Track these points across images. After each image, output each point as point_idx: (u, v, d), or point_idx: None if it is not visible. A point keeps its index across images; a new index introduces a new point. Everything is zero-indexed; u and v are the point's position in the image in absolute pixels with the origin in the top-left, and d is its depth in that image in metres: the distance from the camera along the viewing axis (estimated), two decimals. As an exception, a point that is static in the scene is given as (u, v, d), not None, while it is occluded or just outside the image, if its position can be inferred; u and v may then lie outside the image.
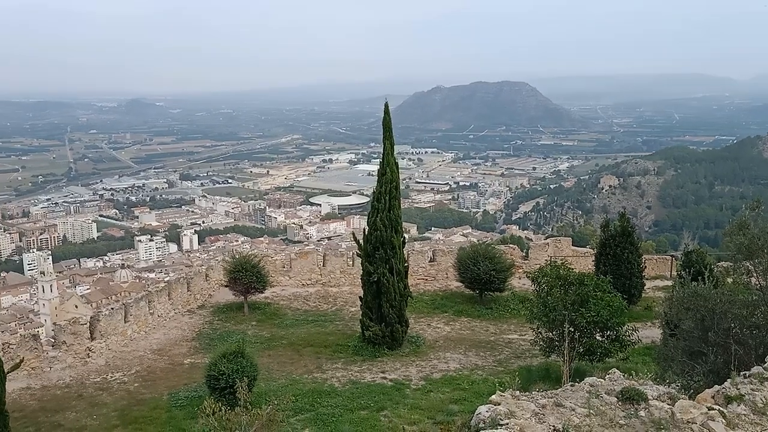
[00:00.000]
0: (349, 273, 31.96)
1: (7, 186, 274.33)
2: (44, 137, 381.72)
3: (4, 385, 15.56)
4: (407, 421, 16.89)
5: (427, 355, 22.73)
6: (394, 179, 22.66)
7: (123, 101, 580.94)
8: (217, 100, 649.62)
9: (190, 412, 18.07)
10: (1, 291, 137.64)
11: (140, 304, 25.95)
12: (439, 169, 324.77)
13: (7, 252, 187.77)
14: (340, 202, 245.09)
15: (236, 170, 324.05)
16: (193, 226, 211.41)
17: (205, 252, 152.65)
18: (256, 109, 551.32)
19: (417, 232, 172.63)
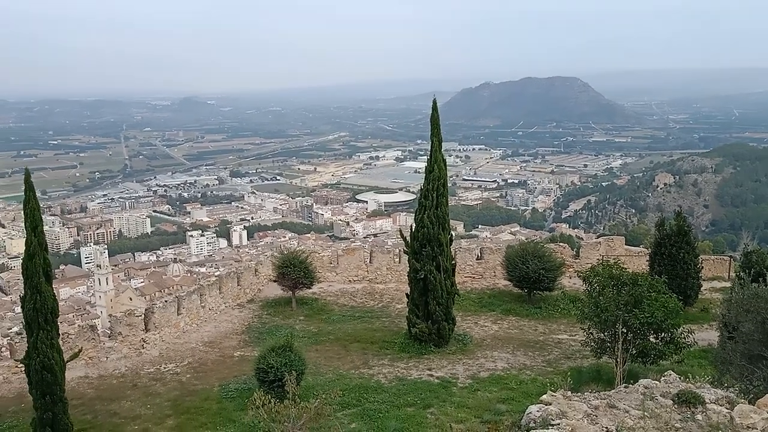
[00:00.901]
0: (396, 270, 31.95)
1: (66, 182, 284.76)
2: (101, 135, 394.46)
3: (64, 373, 16.15)
4: (454, 419, 16.79)
5: (474, 353, 22.54)
6: (441, 176, 22.52)
7: (176, 99, 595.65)
8: (267, 98, 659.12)
9: (240, 403, 18.41)
10: (59, 283, 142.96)
11: (192, 297, 26.54)
12: (487, 166, 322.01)
13: (66, 246, 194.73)
14: (386, 199, 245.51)
15: (284, 167, 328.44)
16: (242, 222, 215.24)
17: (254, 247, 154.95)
18: (303, 107, 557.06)
19: (464, 230, 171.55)
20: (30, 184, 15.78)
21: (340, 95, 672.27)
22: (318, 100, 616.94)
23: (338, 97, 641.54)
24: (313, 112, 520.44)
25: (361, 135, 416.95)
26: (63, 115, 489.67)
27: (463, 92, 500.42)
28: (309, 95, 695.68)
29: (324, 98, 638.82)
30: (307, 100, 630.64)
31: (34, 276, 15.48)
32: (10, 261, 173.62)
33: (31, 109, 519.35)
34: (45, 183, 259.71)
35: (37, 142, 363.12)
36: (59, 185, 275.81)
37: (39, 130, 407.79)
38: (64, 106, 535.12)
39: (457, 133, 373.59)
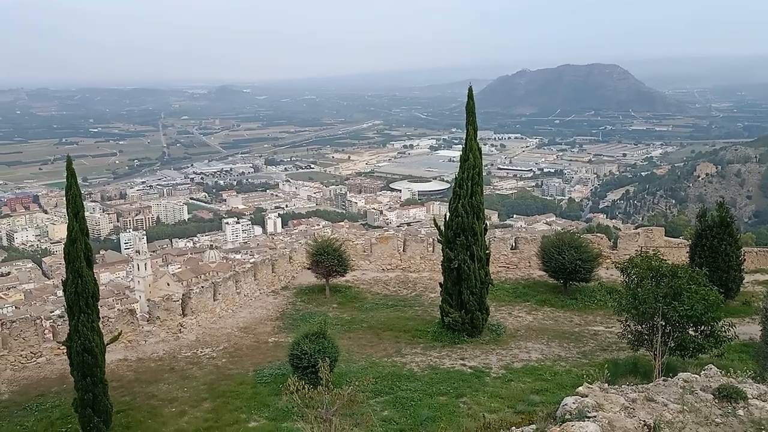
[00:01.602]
0: (429, 259, 31.89)
1: (106, 169, 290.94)
2: (140, 123, 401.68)
3: (104, 356, 16.57)
4: (487, 409, 16.72)
5: (508, 343, 22.40)
6: (476, 165, 22.32)
7: (213, 88, 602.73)
8: (301, 86, 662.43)
9: (274, 388, 18.67)
10: (99, 268, 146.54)
11: (228, 283, 26.93)
12: (523, 155, 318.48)
13: (106, 231, 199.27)
14: (420, 188, 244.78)
15: (318, 155, 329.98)
16: (276, 210, 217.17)
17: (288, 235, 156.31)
18: (338, 95, 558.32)
19: (498, 220, 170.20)
20: (72, 171, 16.15)
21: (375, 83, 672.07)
22: (352, 89, 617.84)
23: (373, 86, 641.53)
24: (348, 101, 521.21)
25: (396, 123, 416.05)
26: (103, 104, 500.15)
27: (499, 80, 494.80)
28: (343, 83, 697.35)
29: (358, 86, 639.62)
30: (341, 88, 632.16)
31: (76, 260, 15.87)
32: (52, 246, 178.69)
33: (72, 98, 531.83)
34: (86, 170, 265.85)
35: (78, 129, 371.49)
36: (99, 172, 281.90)
37: (80, 118, 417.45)
38: (105, 94, 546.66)
39: (492, 121, 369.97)
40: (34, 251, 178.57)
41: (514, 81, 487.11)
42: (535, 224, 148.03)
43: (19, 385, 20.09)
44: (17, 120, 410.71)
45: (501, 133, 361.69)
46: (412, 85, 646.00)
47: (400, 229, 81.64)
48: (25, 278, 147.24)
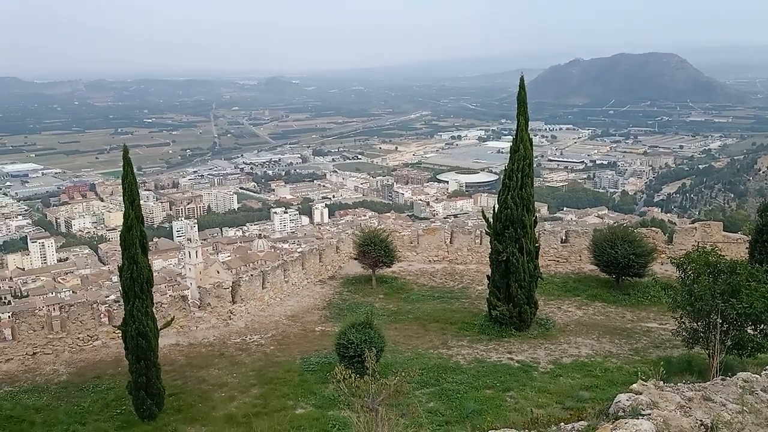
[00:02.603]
0: (477, 251, 31.60)
1: (159, 158, 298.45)
2: (192, 113, 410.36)
3: (157, 340, 17.02)
4: (534, 404, 16.49)
5: (557, 338, 22.04)
6: (527, 156, 21.95)
7: (262, 79, 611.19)
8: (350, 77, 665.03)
9: (321, 376, 18.85)
10: (152, 255, 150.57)
11: (277, 272, 27.29)
12: (574, 146, 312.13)
13: (159, 219, 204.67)
14: (467, 180, 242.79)
15: (366, 146, 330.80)
16: (324, 200, 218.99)
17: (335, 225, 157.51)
18: (386, 86, 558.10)
19: (548, 212, 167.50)
20: (128, 160, 16.59)
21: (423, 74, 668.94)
22: (401, 79, 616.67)
23: (421, 76, 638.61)
24: (396, 91, 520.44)
25: (444, 114, 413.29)
26: (157, 95, 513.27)
27: (551, 69, 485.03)
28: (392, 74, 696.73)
29: (407, 77, 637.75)
30: (389, 79, 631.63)
31: (132, 247, 16.31)
32: (108, 233, 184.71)
33: (128, 89, 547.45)
34: (140, 159, 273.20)
35: (133, 120, 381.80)
36: (153, 161, 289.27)
37: (135, 108, 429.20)
38: (159, 85, 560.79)
39: (543, 112, 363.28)
40: (91, 238, 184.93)
41: (567, 70, 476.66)
42: (586, 217, 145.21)
43: (76, 367, 20.84)
44: (75, 110, 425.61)
45: (552, 124, 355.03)
46: (461, 75, 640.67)
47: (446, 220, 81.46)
48: (82, 264, 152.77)
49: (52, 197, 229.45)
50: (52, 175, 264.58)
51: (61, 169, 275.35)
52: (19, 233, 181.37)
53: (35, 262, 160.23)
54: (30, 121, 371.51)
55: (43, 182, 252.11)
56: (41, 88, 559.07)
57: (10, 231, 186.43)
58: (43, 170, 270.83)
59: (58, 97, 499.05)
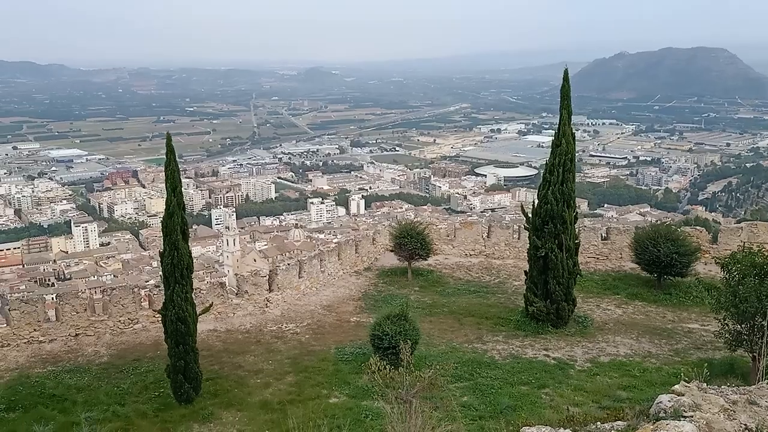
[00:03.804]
0: (515, 246, 31.26)
1: (200, 147, 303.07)
2: (232, 103, 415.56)
3: (196, 325, 17.29)
4: (570, 402, 16.29)
5: (595, 336, 21.68)
6: (569, 151, 21.56)
7: (302, 69, 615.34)
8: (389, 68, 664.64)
9: (355, 367, 18.92)
10: (191, 242, 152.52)
11: (313, 262, 27.46)
12: (617, 142, 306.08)
13: (199, 207, 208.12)
14: (506, 174, 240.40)
15: (404, 138, 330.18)
16: (360, 192, 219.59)
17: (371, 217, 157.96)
18: (426, 77, 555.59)
19: (588, 209, 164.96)
20: (171, 148, 16.83)
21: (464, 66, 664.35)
22: (440, 71, 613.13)
23: (461, 68, 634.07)
24: (435, 83, 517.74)
25: (483, 107, 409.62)
26: (199, 84, 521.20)
27: (596, 63, 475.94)
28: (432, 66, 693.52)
29: (447, 69, 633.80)
30: (429, 70, 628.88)
31: (173, 233, 16.57)
32: (149, 219, 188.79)
33: (170, 77, 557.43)
34: (181, 147, 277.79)
35: (175, 108, 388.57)
36: (194, 150, 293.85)
37: (177, 97, 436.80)
38: (201, 74, 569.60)
39: (586, 106, 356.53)
40: (132, 223, 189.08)
41: (612, 64, 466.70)
42: (628, 214, 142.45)
43: (117, 349, 21.34)
44: (119, 98, 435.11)
45: (595, 119, 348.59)
46: (502, 68, 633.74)
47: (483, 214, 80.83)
48: (124, 249, 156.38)
49: (96, 183, 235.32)
50: (96, 161, 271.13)
51: (105, 156, 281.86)
52: (64, 217, 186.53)
53: (78, 245, 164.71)
54: (76, 108, 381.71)
55: (88, 168, 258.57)
56: (87, 76, 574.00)
57: (55, 215, 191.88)
58: (87, 156, 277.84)
59: (103, 84, 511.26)
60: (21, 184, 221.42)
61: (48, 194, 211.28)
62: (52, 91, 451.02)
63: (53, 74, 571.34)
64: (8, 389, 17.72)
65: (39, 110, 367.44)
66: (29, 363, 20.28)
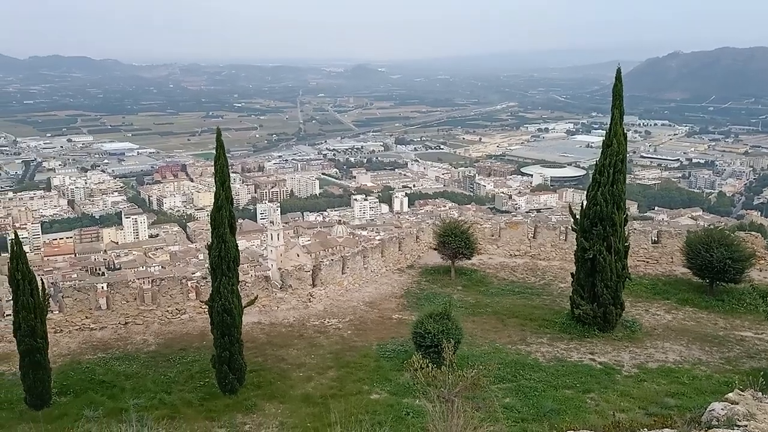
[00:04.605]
0: (561, 247, 30.76)
1: (247, 142, 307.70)
2: (279, 99, 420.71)
3: (241, 317, 17.54)
4: (616, 407, 15.96)
5: (643, 342, 21.15)
6: (620, 151, 21.04)
7: (349, 67, 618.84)
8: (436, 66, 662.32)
9: (396, 364, 18.91)
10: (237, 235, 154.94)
11: (356, 258, 27.56)
12: (669, 143, 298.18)
13: (244, 201, 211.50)
14: (553, 174, 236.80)
15: (449, 136, 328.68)
16: (404, 189, 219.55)
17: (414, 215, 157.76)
18: (472, 75, 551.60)
19: (637, 211, 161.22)
20: (221, 143, 17.13)
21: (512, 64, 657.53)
22: (488, 69, 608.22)
23: (509, 66, 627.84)
24: (482, 81, 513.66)
25: (531, 105, 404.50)
26: (247, 80, 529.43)
27: (648, 62, 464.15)
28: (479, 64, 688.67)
29: (494, 66, 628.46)
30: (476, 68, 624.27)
31: (221, 226, 16.84)
32: (196, 212, 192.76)
33: (220, 73, 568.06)
34: (228, 142, 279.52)
35: (224, 104, 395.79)
36: (241, 145, 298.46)
37: (226, 93, 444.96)
38: (249, 71, 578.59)
39: (638, 106, 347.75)
40: (180, 216, 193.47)
41: (665, 64, 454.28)
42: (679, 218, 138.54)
43: (164, 338, 21.84)
44: (170, 93, 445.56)
45: (647, 119, 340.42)
46: (551, 66, 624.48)
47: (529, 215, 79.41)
48: (172, 240, 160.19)
49: (146, 176, 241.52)
50: (147, 155, 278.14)
51: (155, 149, 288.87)
52: (114, 209, 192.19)
53: (128, 236, 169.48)
54: (128, 103, 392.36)
55: (138, 161, 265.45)
56: (139, 71, 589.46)
57: (107, 206, 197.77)
58: (138, 149, 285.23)
59: (155, 80, 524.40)
60: (75, 176, 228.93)
61: (100, 186, 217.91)
62: (106, 86, 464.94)
63: (107, 69, 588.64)
64: (60, 374, 18.29)
65: (93, 104, 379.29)
66: (80, 349, 20.94)
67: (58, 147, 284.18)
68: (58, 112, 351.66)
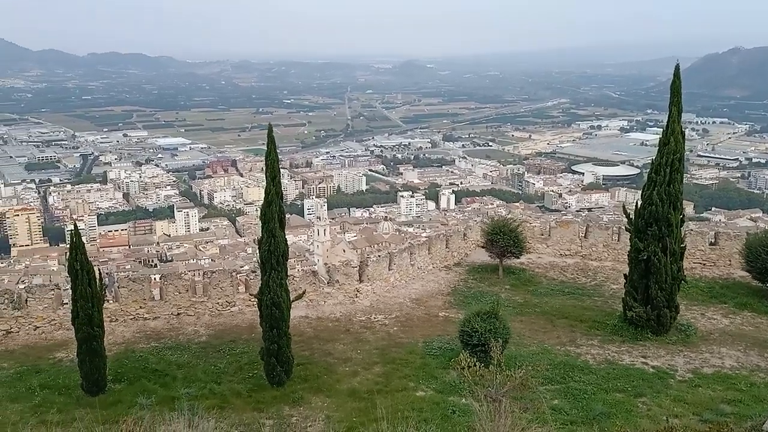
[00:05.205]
0: (614, 248, 30.05)
1: (295, 138, 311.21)
2: (327, 95, 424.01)
3: (289, 311, 17.72)
4: (669, 412, 15.56)
5: (698, 346, 20.48)
6: (678, 150, 20.39)
7: (397, 63, 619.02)
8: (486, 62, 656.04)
9: (442, 361, 18.83)
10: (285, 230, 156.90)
11: (403, 255, 27.51)
12: (728, 142, 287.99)
13: (292, 197, 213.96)
14: (605, 172, 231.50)
15: (497, 133, 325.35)
16: (451, 186, 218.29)
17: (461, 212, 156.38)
18: (523, 72, 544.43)
19: (693, 211, 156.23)
20: (272, 138, 17.36)
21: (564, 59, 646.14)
22: (539, 65, 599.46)
23: (561, 62, 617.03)
24: (533, 77, 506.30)
25: (584, 102, 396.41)
26: (296, 76, 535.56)
27: (707, 58, 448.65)
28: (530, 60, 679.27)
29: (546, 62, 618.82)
30: (527, 64, 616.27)
31: (271, 221, 17.04)
32: (245, 207, 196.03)
33: (270, 70, 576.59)
34: (277, 138, 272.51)
35: (274, 100, 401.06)
36: (289, 141, 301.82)
37: (276, 89, 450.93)
38: (298, 67, 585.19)
39: (695, 103, 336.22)
40: (230, 210, 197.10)
41: (725, 59, 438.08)
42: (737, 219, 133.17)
43: (214, 330, 22.26)
44: (222, 89, 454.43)
45: (704, 117, 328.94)
46: (605, 62, 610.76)
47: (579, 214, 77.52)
48: (221, 234, 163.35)
49: (198, 170, 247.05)
50: (199, 150, 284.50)
51: (207, 145, 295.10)
52: (167, 202, 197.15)
53: (180, 229, 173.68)
54: (181, 99, 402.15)
55: (191, 156, 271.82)
56: (192, 68, 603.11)
57: (159, 199, 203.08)
58: (190, 145, 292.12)
59: (207, 76, 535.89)
60: (130, 170, 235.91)
61: (154, 180, 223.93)
62: (161, 82, 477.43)
63: (162, 66, 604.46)
64: (115, 362, 18.83)
65: (148, 100, 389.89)
66: (134, 338, 21.53)
67: (115, 141, 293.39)
68: (114, 107, 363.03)
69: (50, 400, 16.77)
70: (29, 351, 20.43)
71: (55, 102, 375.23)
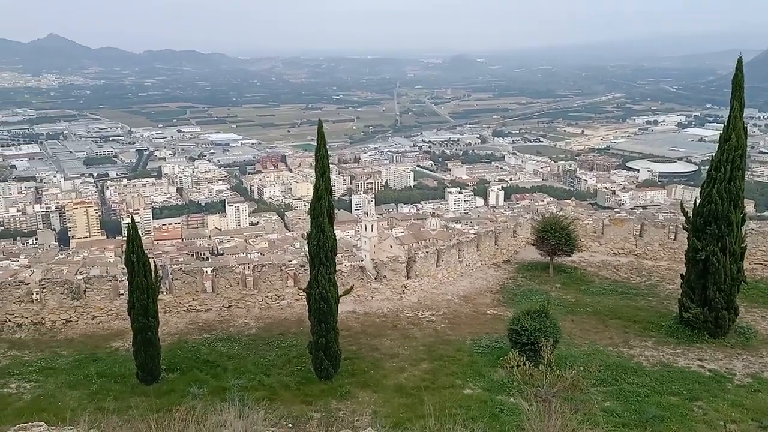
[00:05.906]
0: (670, 247, 29.19)
1: (344, 134, 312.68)
2: (376, 91, 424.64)
3: (337, 306, 17.84)
4: (726, 418, 15.07)
5: (758, 350, 19.73)
6: (739, 146, 19.64)
7: (447, 58, 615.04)
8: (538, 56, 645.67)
9: (490, 360, 18.66)
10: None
11: (451, 251, 27.36)
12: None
13: (340, 192, 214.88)
14: (661, 169, 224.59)
15: (549, 129, 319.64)
16: (500, 183, 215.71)
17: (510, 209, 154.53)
18: (576, 65, 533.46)
19: (754, 210, 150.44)
20: (322, 134, 17.47)
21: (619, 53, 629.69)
22: (593, 58, 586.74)
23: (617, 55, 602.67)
24: (587, 71, 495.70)
25: (639, 97, 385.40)
26: (346, 72, 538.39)
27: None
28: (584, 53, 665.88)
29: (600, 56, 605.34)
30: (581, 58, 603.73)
31: (320, 216, 17.16)
32: (294, 202, 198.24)
33: (319, 66, 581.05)
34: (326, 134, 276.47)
35: (323, 96, 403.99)
36: (338, 137, 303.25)
37: (325, 85, 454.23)
38: (347, 63, 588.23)
39: (758, 98, 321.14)
40: (279, 205, 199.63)
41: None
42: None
43: (264, 323, 22.60)
44: (272, 86, 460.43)
45: (767, 112, 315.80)
46: (663, 55, 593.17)
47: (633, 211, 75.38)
48: (271, 229, 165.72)
49: (248, 166, 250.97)
50: (249, 146, 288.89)
51: (257, 140, 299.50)
52: (219, 197, 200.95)
53: (230, 223, 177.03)
54: (233, 95, 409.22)
55: (242, 151, 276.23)
56: (244, 64, 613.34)
57: (211, 194, 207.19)
58: (242, 140, 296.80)
59: (258, 72, 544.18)
60: (183, 165, 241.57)
61: (206, 175, 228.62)
62: (213, 79, 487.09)
63: (214, 63, 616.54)
64: (169, 352, 19.32)
65: (201, 96, 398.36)
66: (187, 329, 22.06)
67: (169, 137, 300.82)
68: (169, 103, 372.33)
69: (107, 387, 17.34)
70: (87, 340, 21.18)
71: (112, 98, 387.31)
